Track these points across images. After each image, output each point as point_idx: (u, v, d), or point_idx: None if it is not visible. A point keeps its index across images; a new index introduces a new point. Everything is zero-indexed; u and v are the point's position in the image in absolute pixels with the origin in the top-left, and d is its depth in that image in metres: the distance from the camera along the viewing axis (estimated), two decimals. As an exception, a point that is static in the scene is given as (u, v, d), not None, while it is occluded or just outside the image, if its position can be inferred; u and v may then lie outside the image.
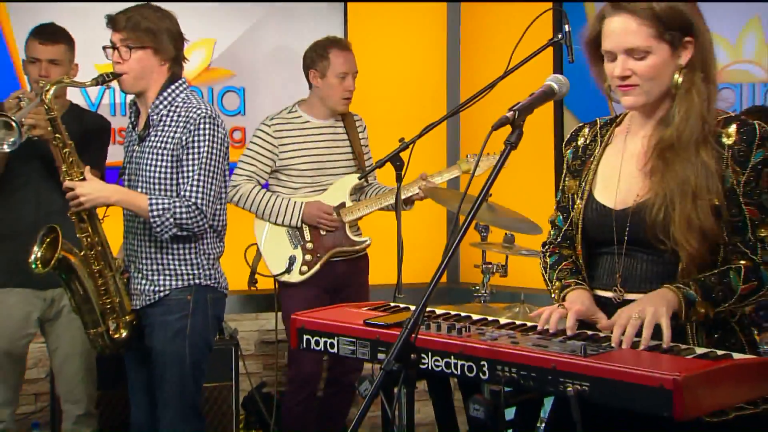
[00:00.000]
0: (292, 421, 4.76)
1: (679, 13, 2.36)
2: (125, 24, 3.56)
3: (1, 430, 4.26)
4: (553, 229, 2.68)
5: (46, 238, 3.67)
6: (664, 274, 2.40)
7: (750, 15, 4.80)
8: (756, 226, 2.36)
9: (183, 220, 3.52)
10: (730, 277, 2.33)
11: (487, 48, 5.63)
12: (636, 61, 2.37)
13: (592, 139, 2.59)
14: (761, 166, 2.35)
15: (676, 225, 2.32)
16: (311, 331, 2.59)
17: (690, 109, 2.36)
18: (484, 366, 2.26)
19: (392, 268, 3.72)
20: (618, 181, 2.48)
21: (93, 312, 3.66)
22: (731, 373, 2.18)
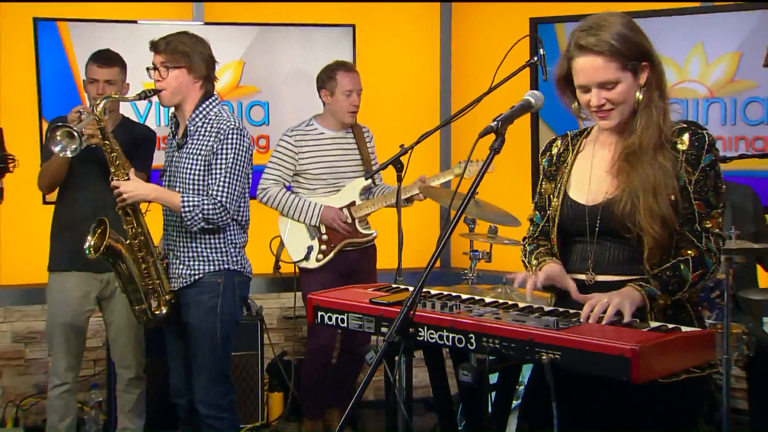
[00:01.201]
0: (310, 384, 4.78)
1: (634, 44, 2.37)
2: (164, 48, 3.58)
3: (67, 390, 4.28)
4: (532, 226, 2.68)
5: (97, 229, 3.68)
6: (629, 258, 2.41)
7: (695, 41, 4.79)
8: (702, 218, 2.39)
9: (209, 215, 3.54)
10: (681, 269, 2.36)
11: (474, 67, 5.62)
12: (608, 91, 2.39)
13: (564, 148, 2.60)
14: (709, 168, 2.38)
15: (642, 214, 2.33)
16: (325, 308, 2.60)
17: (649, 121, 2.38)
18: (471, 338, 2.27)
19: (394, 255, 3.73)
20: (589, 182, 2.49)
21: (137, 291, 3.67)
22: (680, 343, 2.20)
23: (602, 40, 2.36)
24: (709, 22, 4.79)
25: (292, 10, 5.46)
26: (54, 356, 4.30)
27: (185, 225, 3.57)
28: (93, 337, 4.84)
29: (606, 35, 2.36)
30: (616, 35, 2.36)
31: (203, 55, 3.62)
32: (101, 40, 4.54)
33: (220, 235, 3.64)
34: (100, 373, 5.04)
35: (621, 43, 2.35)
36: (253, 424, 4.91)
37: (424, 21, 5.80)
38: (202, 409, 3.64)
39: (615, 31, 2.36)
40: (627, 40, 2.36)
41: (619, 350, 2.06)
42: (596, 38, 2.36)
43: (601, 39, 2.36)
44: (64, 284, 4.25)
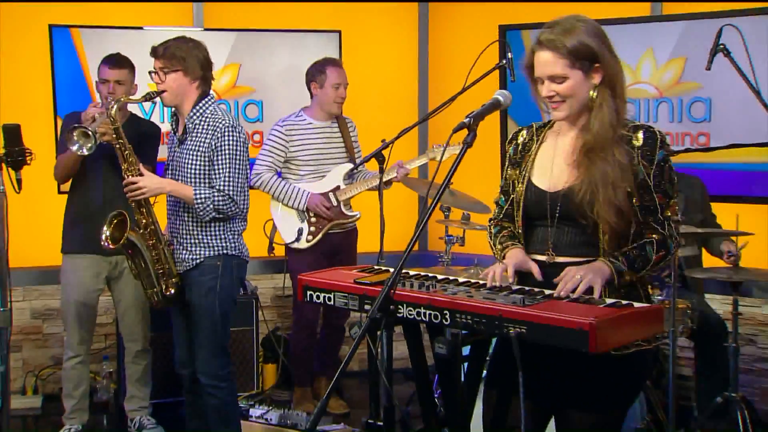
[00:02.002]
0: (299, 355, 4.78)
1: (586, 46, 2.36)
2: (162, 53, 3.55)
3: (81, 361, 4.28)
4: (497, 208, 2.67)
5: (114, 220, 3.65)
6: (585, 242, 2.41)
7: (646, 47, 4.80)
8: (663, 208, 2.40)
9: (219, 206, 3.52)
10: (647, 249, 2.37)
11: (449, 69, 5.61)
12: (557, 85, 2.39)
13: (529, 138, 2.59)
14: (663, 162, 2.39)
15: (601, 205, 2.33)
16: (313, 288, 2.58)
17: (603, 119, 2.38)
18: (446, 314, 2.26)
19: (376, 239, 3.72)
20: (551, 170, 2.49)
21: (150, 276, 3.64)
22: (632, 317, 2.21)
23: (557, 39, 2.36)
24: (658, 30, 4.80)
25: (284, 18, 5.43)
26: (68, 331, 4.30)
27: (199, 216, 3.55)
28: (103, 314, 4.82)
29: (562, 35, 2.36)
30: (572, 37, 2.36)
31: (198, 58, 3.57)
32: (110, 44, 4.52)
33: (221, 223, 3.62)
34: (111, 347, 5.02)
35: (573, 43, 2.35)
36: (249, 392, 4.91)
37: (403, 27, 5.78)
38: (204, 379, 3.62)
39: (573, 34, 2.36)
40: (580, 42, 2.36)
41: (578, 324, 2.06)
42: (553, 36, 2.37)
43: (556, 37, 2.36)
44: (76, 266, 4.24)
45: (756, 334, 4.71)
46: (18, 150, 3.53)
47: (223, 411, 3.67)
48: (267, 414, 4.24)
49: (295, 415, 4.22)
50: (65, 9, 5.06)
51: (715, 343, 4.09)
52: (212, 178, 3.56)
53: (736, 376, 3.81)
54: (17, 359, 5.02)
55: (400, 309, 2.32)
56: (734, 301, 3.79)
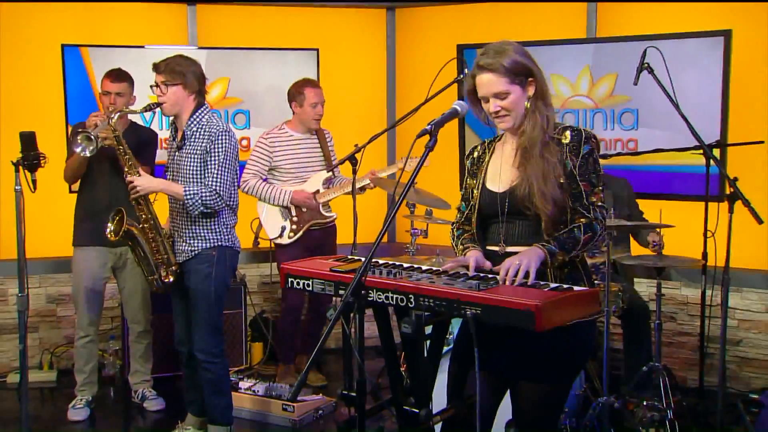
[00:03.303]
0: (283, 336, 4.73)
1: (521, 64, 2.36)
2: (164, 69, 3.50)
3: (90, 340, 4.23)
4: (459, 213, 2.65)
5: (116, 217, 3.61)
6: (532, 232, 2.40)
7: (583, 64, 4.82)
8: (588, 194, 2.39)
9: (207, 201, 3.47)
10: (575, 232, 2.35)
11: (413, 82, 5.59)
12: (501, 100, 2.39)
13: (483, 152, 2.58)
14: (588, 155, 2.39)
15: (537, 197, 2.33)
16: (294, 275, 2.54)
17: (535, 123, 2.38)
18: (411, 298, 2.24)
19: (350, 232, 3.70)
20: (500, 174, 2.48)
21: (150, 265, 3.59)
22: (573, 299, 2.20)
23: (495, 61, 2.36)
24: (594, 50, 4.82)
25: (268, 37, 5.38)
26: (79, 314, 4.25)
27: (187, 210, 3.49)
28: (110, 299, 4.77)
29: (499, 57, 2.36)
30: (506, 58, 2.35)
31: (196, 74, 3.53)
32: (115, 60, 4.45)
33: (215, 217, 3.57)
34: (116, 328, 4.96)
35: (510, 63, 2.35)
36: (239, 367, 4.86)
37: (373, 44, 5.75)
38: (200, 355, 3.58)
39: (506, 55, 2.36)
40: (515, 61, 2.36)
41: (526, 306, 2.05)
42: (490, 60, 2.37)
43: (493, 60, 2.36)
44: (85, 257, 4.19)
45: (676, 312, 4.76)
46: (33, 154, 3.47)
47: (217, 384, 3.63)
48: (254, 386, 4.22)
49: (279, 387, 4.20)
50: (76, 30, 5.03)
51: (639, 321, 4.12)
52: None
53: (660, 349, 3.84)
54: (34, 339, 4.96)
55: (371, 293, 2.30)
56: (658, 284, 3.82)
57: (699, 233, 4.01)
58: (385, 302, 2.29)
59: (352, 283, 2.09)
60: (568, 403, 3.55)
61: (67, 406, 4.25)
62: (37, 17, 4.99)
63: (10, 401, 4.51)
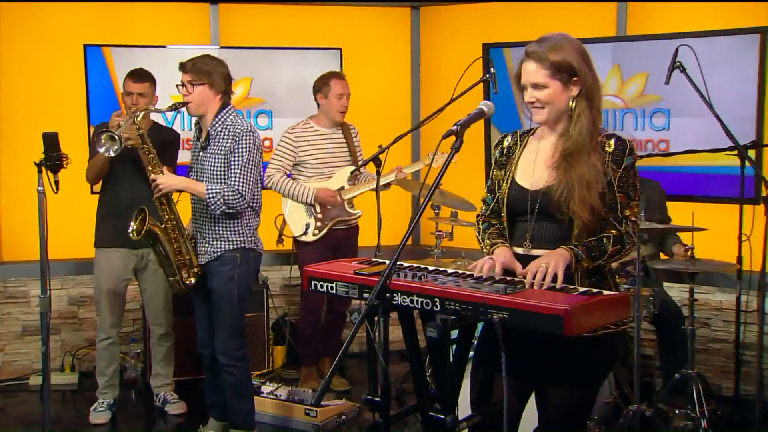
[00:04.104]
0: (304, 338, 4.74)
1: (565, 61, 2.34)
2: (191, 68, 3.52)
3: (112, 342, 4.26)
4: (484, 205, 2.64)
5: (138, 216, 3.63)
6: (560, 236, 2.38)
7: (613, 63, 4.78)
8: (623, 207, 2.37)
9: (229, 201, 3.48)
10: (604, 242, 2.34)
11: (438, 82, 5.58)
12: (538, 91, 2.37)
13: (514, 143, 2.56)
14: (629, 167, 2.37)
15: (576, 203, 2.31)
16: (317, 278, 2.54)
17: (582, 128, 2.36)
18: (436, 301, 2.23)
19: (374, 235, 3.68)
20: (533, 171, 2.45)
21: (171, 266, 3.61)
22: (602, 304, 2.18)
23: (542, 52, 2.35)
24: (624, 49, 4.78)
25: (291, 37, 5.40)
26: (100, 316, 4.29)
27: (209, 210, 3.51)
28: (131, 301, 4.80)
29: (548, 49, 2.35)
30: (555, 51, 2.34)
31: (222, 74, 3.55)
32: (137, 60, 4.49)
33: (238, 218, 3.58)
34: (138, 330, 5.00)
35: (554, 56, 2.33)
36: (261, 371, 4.88)
37: (397, 43, 5.74)
38: (222, 358, 3.60)
39: (556, 48, 2.34)
40: (562, 57, 2.34)
41: (554, 310, 2.03)
42: (539, 49, 2.36)
43: (542, 51, 2.35)
44: (107, 258, 4.22)
45: (710, 318, 4.70)
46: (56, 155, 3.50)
47: (239, 387, 3.64)
48: (276, 391, 4.23)
49: (301, 392, 4.20)
50: (98, 30, 5.08)
51: (673, 326, 4.07)
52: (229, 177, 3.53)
53: (693, 356, 3.79)
54: (56, 341, 5.01)
55: (396, 297, 2.29)
56: (691, 289, 3.77)
57: (733, 237, 3.95)
58: (410, 306, 2.29)
59: (377, 287, 2.09)
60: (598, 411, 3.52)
61: (89, 409, 4.29)
62: (59, 17, 5.05)
63: (32, 403, 4.56)
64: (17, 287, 5.00)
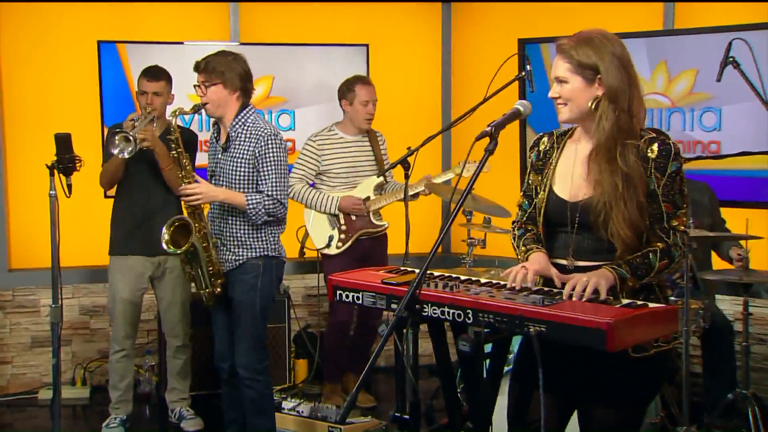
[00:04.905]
0: (330, 353, 4.77)
1: (588, 57, 2.34)
2: (203, 68, 3.56)
3: (125, 355, 4.30)
4: (520, 211, 2.64)
5: (173, 225, 3.59)
6: (605, 249, 2.37)
7: (659, 59, 4.75)
8: (670, 217, 2.35)
9: (270, 210, 3.52)
10: (650, 258, 2.32)
11: (471, 80, 5.59)
12: (561, 87, 2.38)
13: (551, 146, 2.56)
14: (675, 174, 2.34)
15: (615, 223, 2.30)
16: (343, 288, 2.57)
17: (602, 133, 2.35)
18: (469, 313, 2.24)
19: (402, 242, 3.71)
20: (571, 180, 2.45)
21: (204, 277, 3.61)
22: (647, 317, 2.17)
23: (569, 46, 2.36)
24: (671, 43, 4.75)
25: (314, 32, 5.44)
26: (114, 326, 4.33)
27: (251, 220, 3.54)
28: (146, 311, 4.84)
29: (575, 43, 2.35)
30: (582, 47, 2.34)
31: (238, 71, 3.57)
32: (153, 58, 4.54)
33: (261, 225, 3.62)
34: (153, 342, 5.05)
35: (578, 51, 2.34)
36: (282, 386, 4.91)
37: (427, 40, 5.76)
38: (242, 372, 3.62)
39: (584, 44, 2.34)
40: (584, 52, 2.34)
41: (596, 323, 2.03)
42: (567, 42, 2.37)
43: (569, 45, 2.36)
44: (122, 266, 4.27)
45: (766, 333, 4.64)
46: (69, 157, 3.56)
47: (260, 403, 3.67)
48: (299, 407, 4.24)
49: (325, 408, 4.21)
50: (112, 26, 5.12)
51: (722, 342, 4.04)
52: (257, 184, 3.56)
53: (748, 374, 3.75)
54: (67, 352, 5.07)
55: (425, 308, 2.31)
56: (745, 302, 3.74)
57: (791, 246, 3.92)
58: (441, 317, 2.30)
59: (406, 297, 2.10)
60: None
61: (101, 425, 4.33)
62: (71, 12, 5.10)
63: (41, 419, 4.63)
64: (26, 296, 5.08)
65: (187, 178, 3.60)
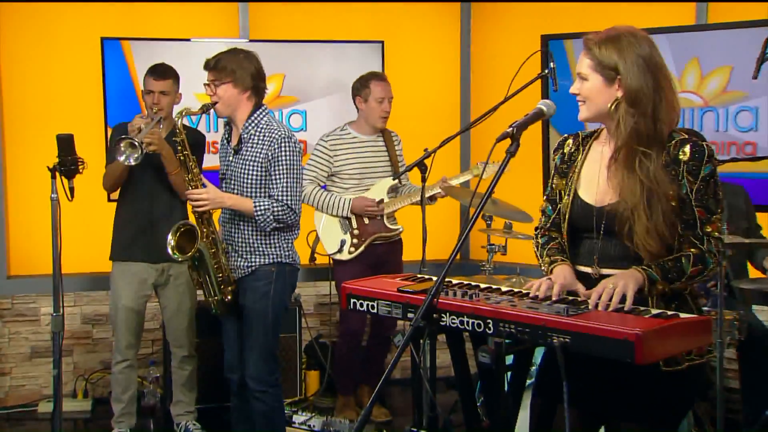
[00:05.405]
0: (342, 364, 4.77)
1: (610, 56, 2.34)
2: (213, 66, 3.58)
3: (128, 365, 4.32)
4: (543, 217, 2.64)
5: (180, 230, 3.61)
6: (630, 255, 2.37)
7: (691, 56, 4.73)
8: (703, 223, 2.34)
9: (279, 216, 3.54)
10: (682, 262, 2.32)
11: (491, 77, 5.59)
12: (582, 84, 2.40)
13: (575, 148, 2.56)
14: (709, 177, 2.33)
15: (639, 236, 2.30)
16: (357, 296, 2.58)
17: (619, 136, 2.35)
18: (489, 323, 2.24)
19: (418, 248, 3.71)
20: (597, 184, 2.45)
21: (213, 284, 3.63)
22: (679, 328, 2.16)
23: (594, 42, 2.36)
24: (704, 39, 4.73)
25: (327, 29, 5.46)
26: (117, 335, 4.34)
27: (259, 227, 3.56)
28: (150, 320, 4.87)
29: (600, 40, 2.36)
30: (606, 44, 2.34)
31: (249, 69, 3.59)
32: (159, 55, 4.57)
33: (274, 231, 3.63)
34: (157, 352, 5.08)
35: (600, 49, 2.34)
36: (293, 398, 4.92)
37: (445, 36, 5.77)
38: (252, 383, 3.63)
39: (609, 41, 2.34)
40: (606, 50, 2.34)
41: (623, 335, 2.03)
42: (593, 38, 2.37)
43: (594, 41, 2.36)
44: (124, 272, 4.28)
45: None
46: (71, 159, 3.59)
47: (270, 416, 3.67)
48: (310, 421, 4.25)
49: (338, 422, 4.22)
50: (116, 22, 5.15)
51: (761, 354, 4.00)
52: (269, 188, 3.58)
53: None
54: (68, 363, 5.09)
55: (444, 317, 2.31)
56: (782, 312, 3.71)
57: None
58: (460, 327, 2.30)
59: (423, 306, 2.11)
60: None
61: (103, 438, 4.38)
62: (74, 8, 5.12)
63: (41, 432, 4.67)
64: (26, 304, 5.11)
65: (193, 182, 3.62)
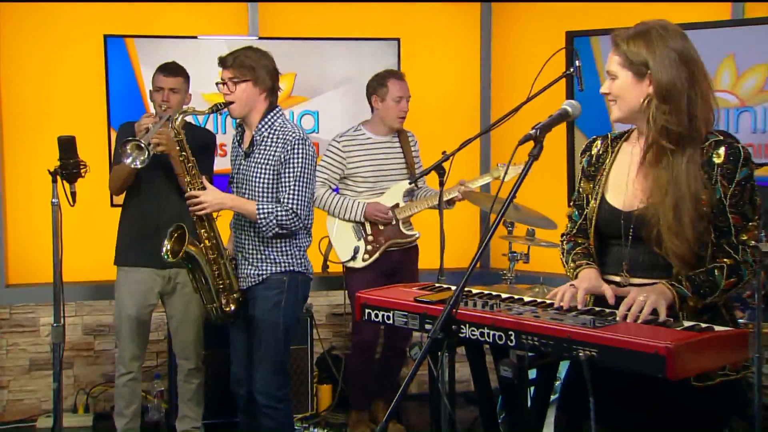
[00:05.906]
0: (355, 377, 4.78)
1: (638, 52, 2.34)
2: (232, 63, 3.58)
3: (132, 378, 4.32)
4: (570, 222, 2.64)
5: (174, 234, 3.67)
6: (663, 264, 2.36)
7: (726, 53, 4.71)
8: (739, 231, 2.32)
9: (283, 222, 3.54)
10: (715, 275, 2.30)
11: (513, 77, 5.59)
12: (612, 82, 2.40)
13: (604, 150, 2.56)
14: (744, 181, 2.31)
15: (664, 236, 2.29)
16: (372, 306, 2.59)
17: (648, 134, 2.36)
18: (511, 335, 2.24)
19: (436, 256, 3.70)
20: (626, 187, 2.44)
21: (210, 291, 3.66)
22: (712, 342, 2.15)
23: (623, 38, 2.37)
24: (740, 35, 4.71)
25: (341, 25, 5.47)
26: (120, 346, 4.36)
27: (262, 232, 3.57)
28: (156, 330, 4.89)
29: (629, 35, 2.36)
30: (632, 37, 2.35)
31: (267, 68, 3.61)
32: (164, 54, 4.60)
33: (286, 238, 3.64)
34: (162, 365, 5.09)
35: (629, 45, 2.35)
36: (304, 414, 4.92)
37: (464, 34, 5.78)
38: (261, 399, 3.64)
39: (638, 36, 2.35)
40: (635, 44, 2.34)
41: (654, 348, 2.02)
42: (622, 33, 2.38)
43: (623, 36, 2.37)
44: (129, 279, 4.30)
45: None
46: (73, 162, 3.61)
47: (279, 433, 3.68)
48: (322, 437, 4.26)
49: (351, 439, 4.23)
50: (120, 19, 5.19)
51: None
52: (279, 192, 3.59)
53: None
54: (69, 376, 5.12)
55: (463, 329, 2.31)
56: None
57: None
58: (480, 340, 2.30)
59: (441, 317, 2.10)
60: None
61: (105, 455, 4.39)
62: (76, 4, 5.16)
63: (41, 448, 4.70)
64: (25, 314, 5.15)
65: (192, 183, 3.64)
